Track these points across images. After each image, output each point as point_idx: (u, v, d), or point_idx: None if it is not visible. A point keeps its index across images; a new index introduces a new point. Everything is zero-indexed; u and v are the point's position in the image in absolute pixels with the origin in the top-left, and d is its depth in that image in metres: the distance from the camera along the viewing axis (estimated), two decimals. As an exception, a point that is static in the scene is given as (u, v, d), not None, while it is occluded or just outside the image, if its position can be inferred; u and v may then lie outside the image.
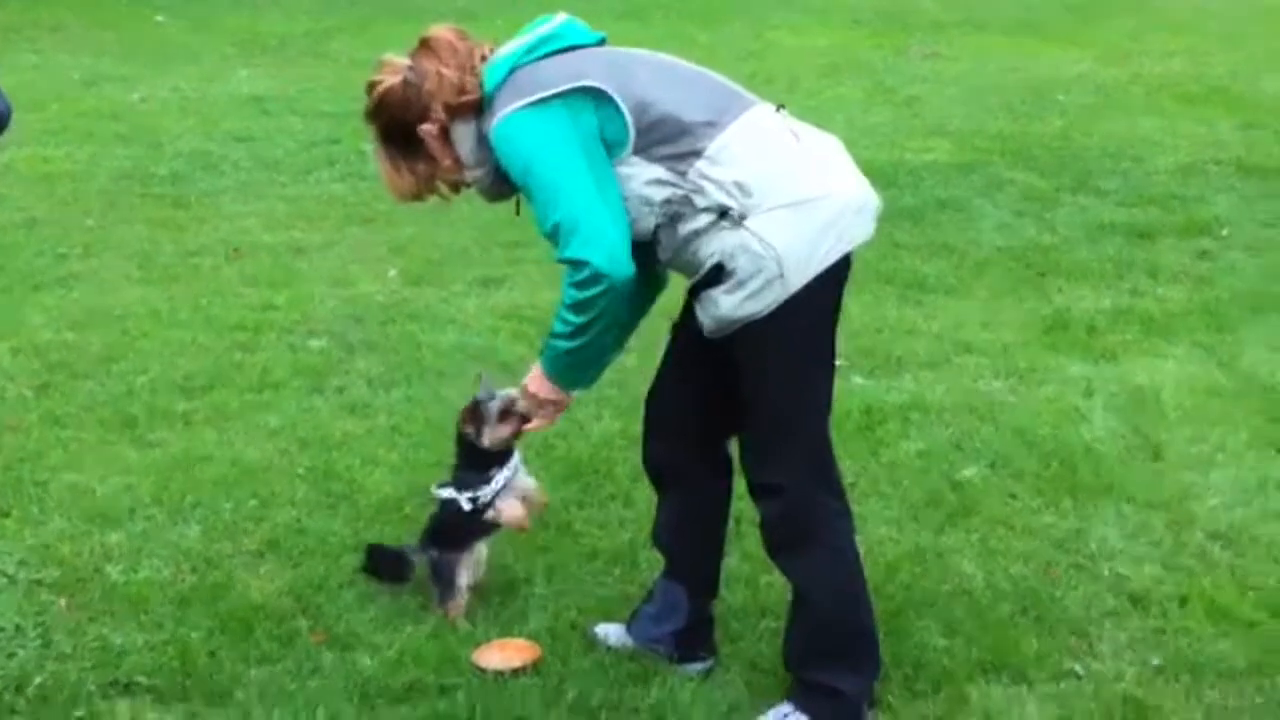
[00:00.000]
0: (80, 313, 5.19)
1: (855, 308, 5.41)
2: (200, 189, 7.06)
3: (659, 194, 2.61)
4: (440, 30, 2.78)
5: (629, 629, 3.09)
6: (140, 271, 5.75)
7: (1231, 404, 4.49)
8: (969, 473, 3.96)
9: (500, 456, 3.13)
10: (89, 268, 5.76)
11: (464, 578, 3.13)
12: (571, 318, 2.63)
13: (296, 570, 3.32)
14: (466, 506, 3.09)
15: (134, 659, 2.93)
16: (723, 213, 2.57)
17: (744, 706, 2.89)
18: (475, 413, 3.09)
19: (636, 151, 2.61)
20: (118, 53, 10.64)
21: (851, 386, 4.52)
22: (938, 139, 8.34)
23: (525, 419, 2.98)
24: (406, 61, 2.78)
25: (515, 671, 2.94)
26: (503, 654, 3.00)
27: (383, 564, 3.25)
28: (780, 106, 2.74)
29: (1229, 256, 6.09)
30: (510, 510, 3.12)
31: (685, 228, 2.61)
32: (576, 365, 2.74)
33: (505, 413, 3.05)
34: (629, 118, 2.59)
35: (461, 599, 3.14)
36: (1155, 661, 3.08)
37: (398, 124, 2.75)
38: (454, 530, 3.14)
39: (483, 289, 5.62)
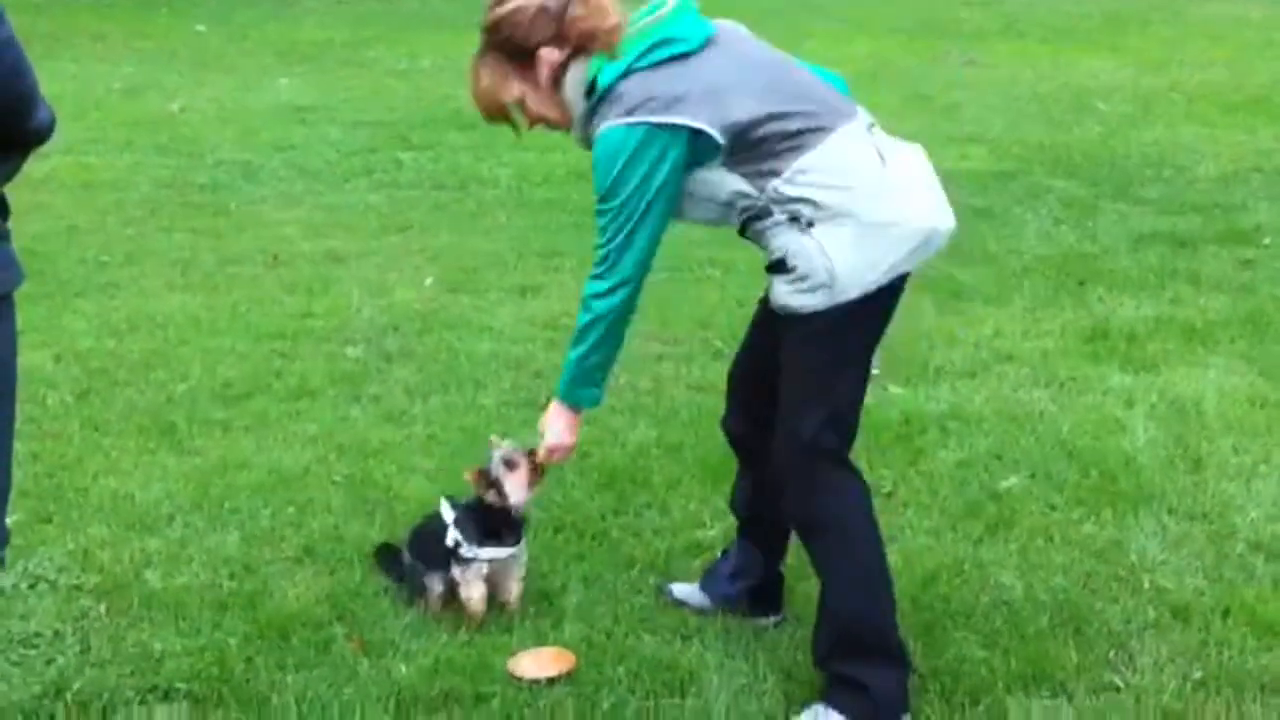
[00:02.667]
0: (121, 320, 5.23)
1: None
2: (239, 197, 7.12)
3: (738, 201, 2.72)
4: None
5: (702, 587, 3.24)
6: (180, 279, 5.80)
7: (1274, 414, 4.44)
8: (1008, 483, 3.93)
9: (512, 526, 3.14)
10: (129, 275, 5.82)
11: (436, 584, 3.16)
12: (581, 317, 2.80)
13: (333, 577, 3.33)
14: (449, 543, 3.13)
15: (172, 665, 2.94)
16: (793, 217, 2.67)
17: (780, 716, 2.87)
18: (485, 477, 3.12)
19: (723, 163, 2.69)
20: (158, 62, 10.75)
21: (889, 395, 4.50)
22: (976, 147, 8.31)
23: (534, 464, 3.05)
24: None
25: (550, 680, 2.93)
26: (538, 662, 2.99)
27: (390, 562, 3.30)
28: (872, 125, 2.81)
29: (1272, 265, 6.03)
30: (471, 593, 3.13)
31: (759, 224, 2.73)
32: (580, 377, 2.86)
33: (509, 462, 3.10)
34: (722, 142, 2.66)
35: (435, 600, 3.16)
36: (1196, 675, 3.04)
37: (519, 40, 2.77)
38: (428, 546, 3.18)
39: (519, 297, 5.63)
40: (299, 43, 11.76)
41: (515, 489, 3.11)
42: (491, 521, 3.15)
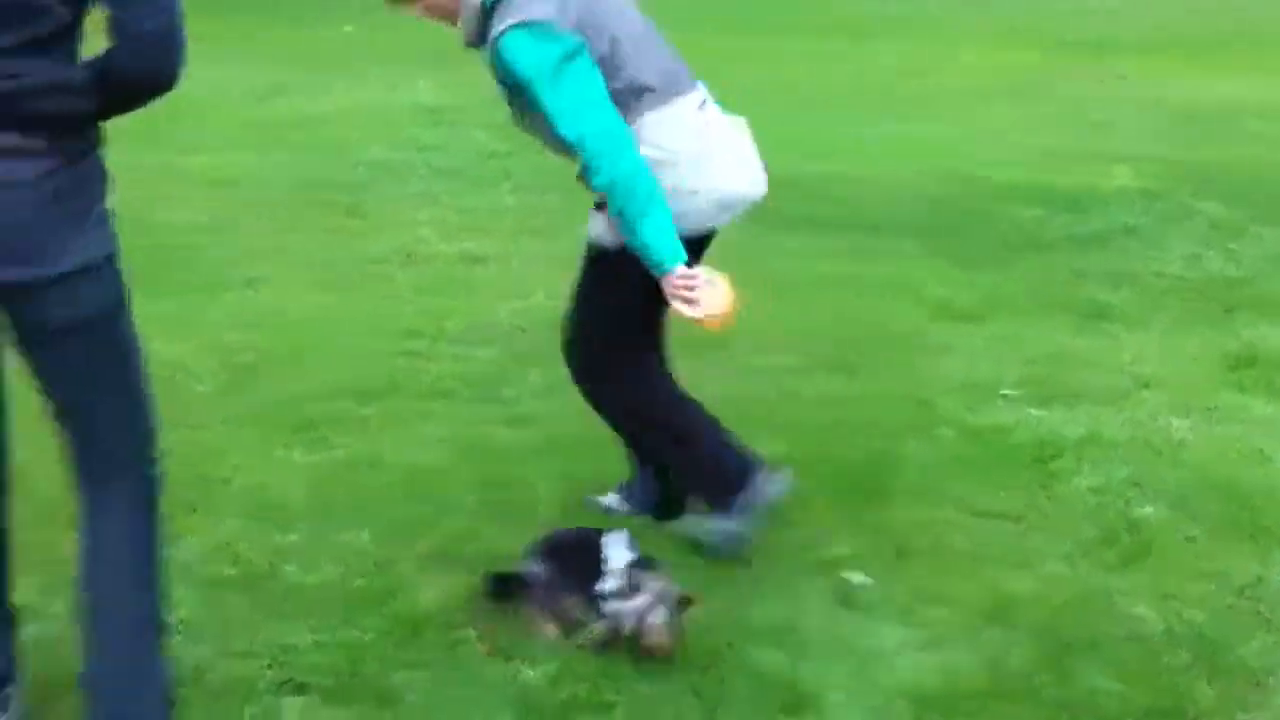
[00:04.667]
0: (260, 316, 5.37)
1: (1031, 335, 5.32)
2: (379, 197, 7.26)
3: None
4: None
5: (624, 497, 3.73)
6: (318, 277, 5.92)
7: None
8: (1146, 512, 3.83)
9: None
10: (269, 272, 5.96)
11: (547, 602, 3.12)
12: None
13: (464, 578, 3.36)
14: (604, 588, 3.05)
15: (306, 659, 3.00)
16: None
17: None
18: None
19: None
20: (305, 61, 11.00)
21: (1024, 417, 4.42)
22: (1124, 164, 8.12)
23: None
24: None
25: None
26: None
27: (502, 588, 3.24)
28: (704, 101, 3.25)
29: None
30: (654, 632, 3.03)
31: None
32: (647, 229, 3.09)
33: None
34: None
35: (547, 622, 3.12)
36: (1340, 719, 2.93)
37: None
38: (571, 567, 3.12)
39: (650, 304, 5.64)
40: (442, 45, 11.92)
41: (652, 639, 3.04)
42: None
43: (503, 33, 3.02)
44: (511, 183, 7.59)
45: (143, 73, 2.37)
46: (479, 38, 3.14)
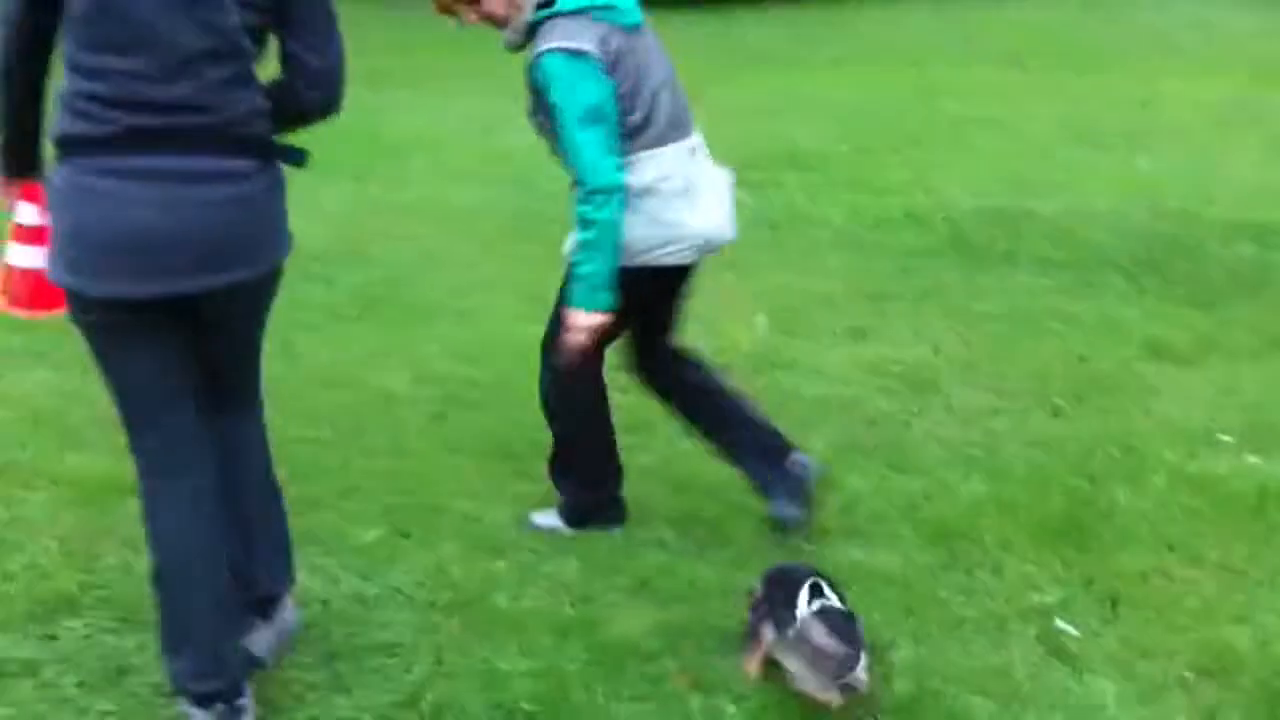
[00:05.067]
0: (473, 346, 5.53)
1: (1249, 378, 5.13)
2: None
3: None
4: None
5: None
6: (529, 309, 6.05)
7: None
8: (1375, 567, 3.66)
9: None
10: (482, 303, 6.15)
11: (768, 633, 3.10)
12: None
13: (665, 611, 3.42)
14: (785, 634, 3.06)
15: (516, 684, 3.08)
16: None
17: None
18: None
19: None
20: (514, 97, 11.29)
21: (1243, 464, 4.27)
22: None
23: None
24: None
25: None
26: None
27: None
28: (694, 149, 3.57)
29: None
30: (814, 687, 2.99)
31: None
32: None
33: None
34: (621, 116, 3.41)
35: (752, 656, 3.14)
36: None
37: None
38: (777, 603, 3.13)
39: (849, 340, 5.64)
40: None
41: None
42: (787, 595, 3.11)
43: (545, 52, 3.35)
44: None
45: (317, 102, 2.83)
46: (519, 48, 3.55)
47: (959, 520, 3.94)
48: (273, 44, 2.78)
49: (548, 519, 3.92)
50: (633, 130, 3.45)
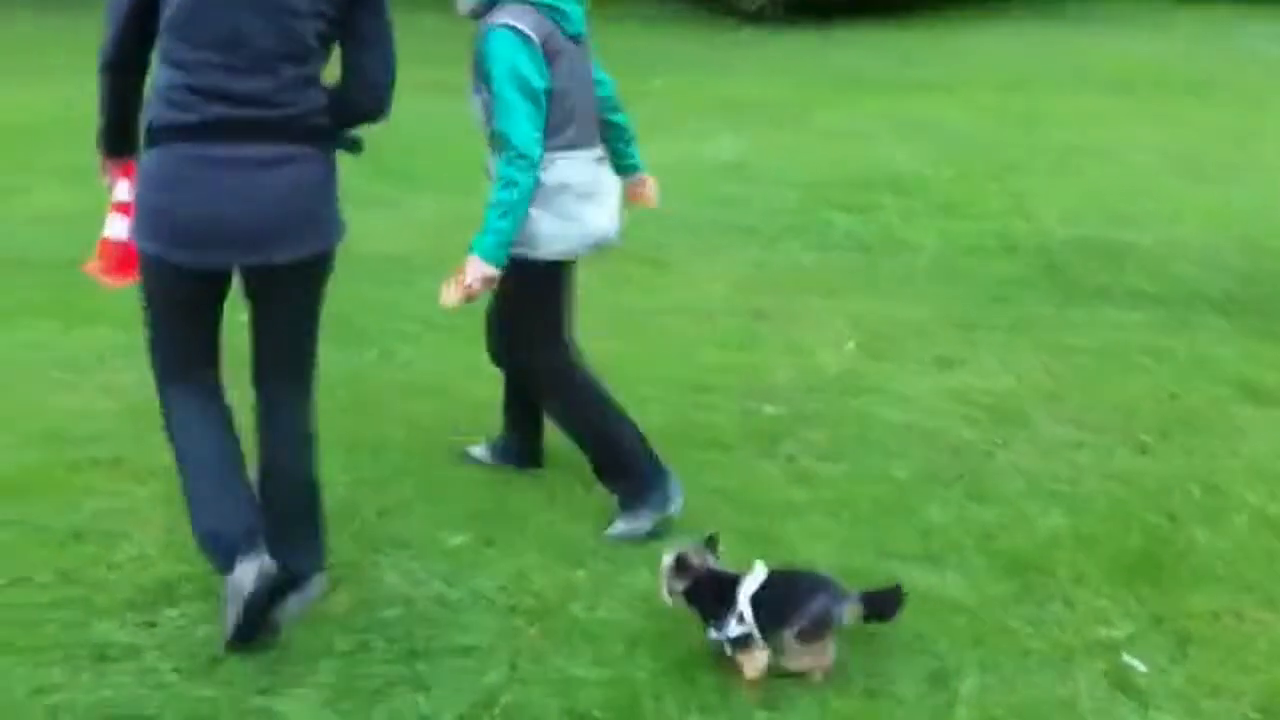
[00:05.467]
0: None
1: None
2: (676, 251, 7.50)
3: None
4: None
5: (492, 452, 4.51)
6: (612, 326, 6.17)
7: None
8: None
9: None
10: (573, 318, 6.25)
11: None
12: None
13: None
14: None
15: (589, 692, 3.19)
16: None
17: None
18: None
19: None
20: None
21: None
22: None
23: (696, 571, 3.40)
24: None
25: None
26: None
27: None
28: (601, 158, 4.01)
29: None
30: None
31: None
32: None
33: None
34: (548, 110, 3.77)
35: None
36: None
37: None
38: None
39: (937, 369, 5.66)
40: (742, 101, 12.22)
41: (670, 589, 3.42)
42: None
43: (497, 25, 3.72)
44: (803, 240, 7.71)
45: (369, 108, 3.27)
46: (475, 17, 3.86)
47: (1034, 552, 3.97)
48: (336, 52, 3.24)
49: (617, 526, 4.06)
50: (553, 130, 3.79)
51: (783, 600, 3.26)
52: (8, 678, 3.21)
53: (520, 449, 4.48)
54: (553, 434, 4.38)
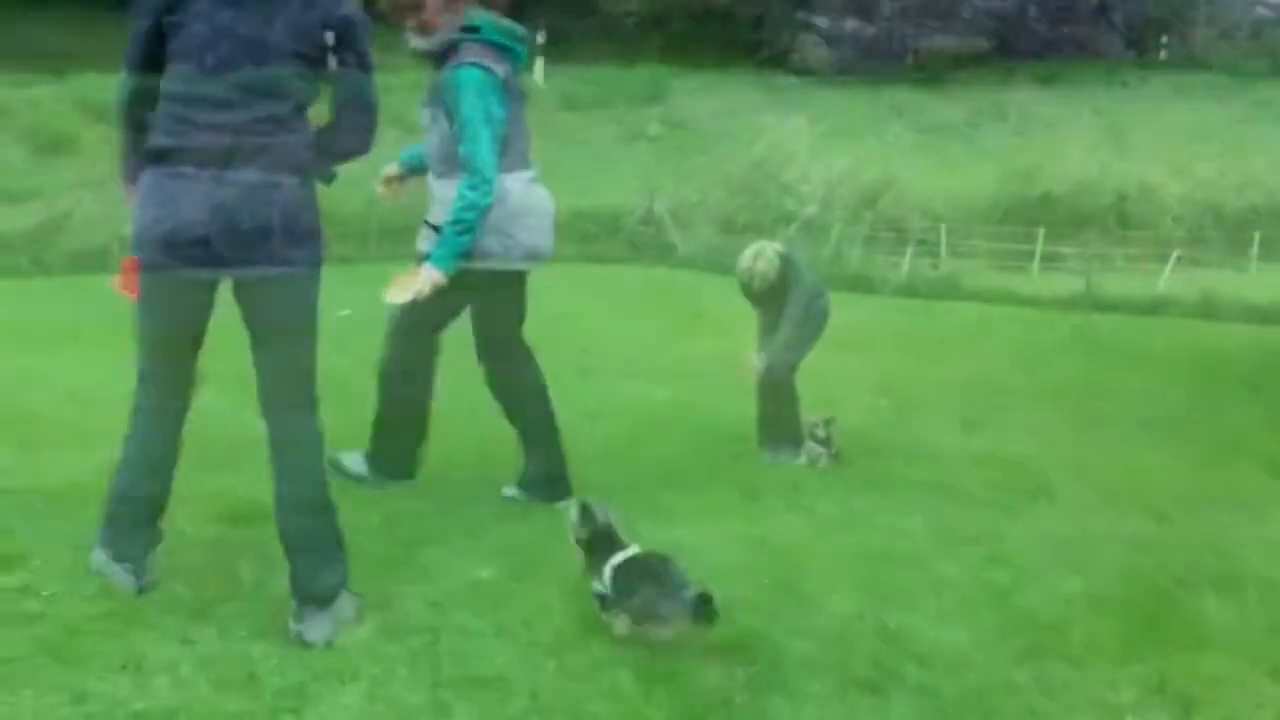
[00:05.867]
0: (595, 403, 5.79)
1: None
2: (711, 299, 7.65)
3: (450, 168, 4.36)
4: None
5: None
6: (646, 371, 6.32)
7: None
8: None
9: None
10: (601, 363, 6.40)
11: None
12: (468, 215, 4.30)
13: (747, 672, 3.59)
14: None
15: (603, 726, 3.30)
16: None
17: None
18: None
19: None
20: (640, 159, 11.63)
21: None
22: None
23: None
24: None
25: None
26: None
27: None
28: (534, 179, 4.48)
29: None
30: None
31: (441, 192, 4.41)
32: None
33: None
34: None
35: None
36: None
37: None
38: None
39: (963, 430, 5.76)
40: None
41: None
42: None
43: (469, 64, 4.22)
44: (844, 299, 7.82)
45: (353, 147, 3.57)
46: (435, 59, 4.33)
47: (1047, 613, 4.05)
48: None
49: (355, 460, 4.74)
50: (500, 154, 4.29)
51: (636, 580, 3.66)
52: (51, 685, 3.34)
53: (545, 475, 4.70)
54: (581, 468, 4.48)
